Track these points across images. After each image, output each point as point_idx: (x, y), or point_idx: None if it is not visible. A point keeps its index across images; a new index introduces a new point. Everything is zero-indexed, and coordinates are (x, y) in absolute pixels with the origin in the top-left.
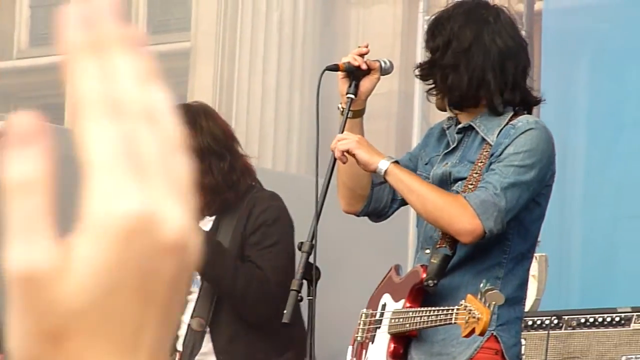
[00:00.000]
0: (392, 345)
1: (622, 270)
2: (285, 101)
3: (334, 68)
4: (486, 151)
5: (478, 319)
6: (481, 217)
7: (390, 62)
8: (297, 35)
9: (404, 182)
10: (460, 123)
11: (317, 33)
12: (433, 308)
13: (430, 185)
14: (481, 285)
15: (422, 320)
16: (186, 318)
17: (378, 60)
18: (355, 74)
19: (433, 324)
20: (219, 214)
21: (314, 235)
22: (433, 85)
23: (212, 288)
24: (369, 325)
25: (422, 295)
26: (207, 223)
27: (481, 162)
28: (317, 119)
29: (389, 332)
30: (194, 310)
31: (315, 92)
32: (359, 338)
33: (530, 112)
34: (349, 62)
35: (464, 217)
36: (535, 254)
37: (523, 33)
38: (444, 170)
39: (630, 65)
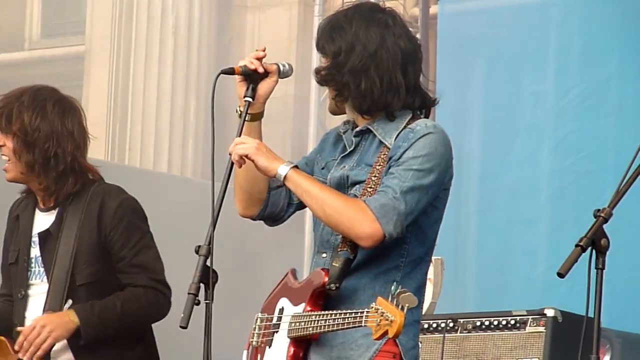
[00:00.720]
0: (292, 349)
1: (517, 274)
2: (181, 105)
3: (230, 71)
4: (384, 154)
5: (391, 321)
6: (381, 220)
7: (290, 65)
8: (192, 39)
9: (303, 187)
10: (357, 127)
11: (213, 37)
12: (339, 311)
13: (330, 189)
14: (393, 287)
15: (328, 323)
16: (30, 314)
17: (276, 63)
18: (252, 77)
19: (340, 327)
20: (62, 205)
21: (211, 239)
22: (338, 91)
23: (64, 282)
24: (264, 329)
25: (323, 298)
26: (50, 216)
27: (379, 165)
28: (213, 123)
29: (288, 336)
30: (45, 303)
31: (211, 95)
32: (254, 342)
33: (427, 115)
34: (245, 66)
35: (364, 221)
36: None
37: (418, 36)
38: (341, 174)
39: (525, 70)
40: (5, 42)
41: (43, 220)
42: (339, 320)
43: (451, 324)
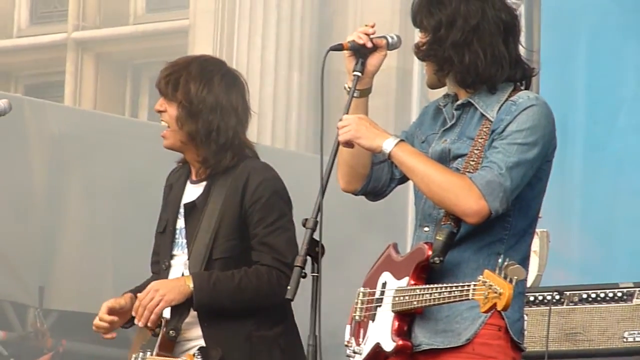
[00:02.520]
0: (396, 323)
1: (623, 245)
2: (284, 78)
3: (338, 47)
4: (486, 127)
5: (500, 294)
6: (487, 197)
7: (398, 36)
8: (295, 12)
9: (408, 164)
10: (457, 100)
11: (316, 10)
12: (444, 285)
13: (435, 164)
14: (500, 260)
15: (433, 297)
16: None
17: (384, 36)
18: (361, 52)
19: (446, 301)
20: (210, 179)
21: (318, 211)
22: (439, 65)
23: (203, 255)
24: (367, 304)
25: (427, 272)
26: (198, 188)
27: (481, 138)
28: (322, 98)
29: (392, 310)
30: (182, 275)
31: (314, 70)
32: (357, 317)
33: (528, 87)
34: (353, 41)
35: (470, 198)
36: (536, 230)
37: (522, 7)
38: (443, 147)
39: (629, 39)
40: (110, 17)
41: (191, 192)
42: (445, 293)
43: (557, 297)
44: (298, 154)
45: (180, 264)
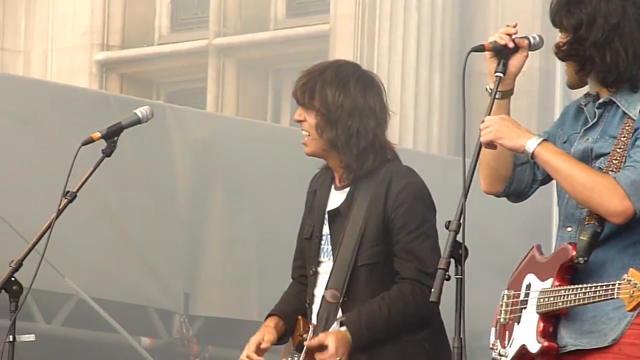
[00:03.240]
0: (542, 325)
1: None
2: (425, 81)
3: (480, 49)
4: (628, 125)
5: None
6: (632, 198)
7: (540, 36)
8: (436, 14)
9: (552, 164)
10: (599, 99)
11: (457, 12)
12: (588, 285)
13: (579, 164)
14: None
15: (578, 297)
16: (319, 291)
17: (526, 37)
18: (502, 53)
19: (591, 300)
20: (354, 184)
21: (461, 214)
22: (580, 65)
23: (348, 262)
24: (512, 306)
25: (571, 273)
26: (342, 194)
27: (624, 136)
28: (463, 100)
29: (537, 312)
30: (328, 282)
31: (455, 71)
32: (502, 320)
33: None
34: (495, 42)
35: (614, 198)
36: None
37: None
38: (585, 147)
39: None
40: (252, 22)
41: (335, 198)
42: (590, 293)
43: None
44: (440, 157)
45: (326, 271)
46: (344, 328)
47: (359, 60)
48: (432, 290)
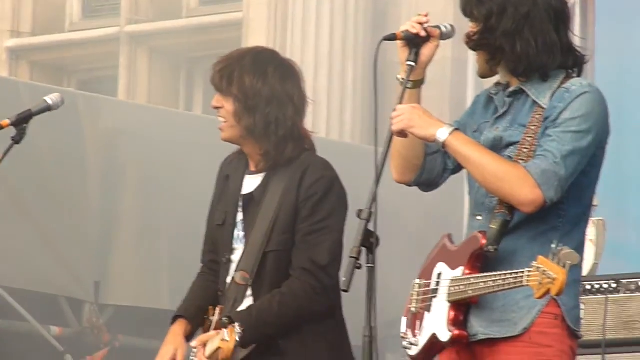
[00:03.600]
0: (452, 313)
1: None
2: (338, 70)
3: (392, 37)
4: (538, 114)
5: (553, 279)
6: (542, 187)
7: (451, 25)
8: (349, 3)
9: (462, 153)
10: (509, 88)
11: (370, 1)
12: (497, 273)
13: (490, 154)
14: (553, 246)
15: (487, 285)
16: (229, 278)
17: (438, 26)
18: (414, 42)
19: (501, 288)
20: (270, 171)
21: (373, 202)
22: (491, 55)
23: (259, 247)
24: (423, 295)
25: (481, 261)
26: (256, 179)
27: (534, 125)
28: (375, 89)
29: (448, 300)
30: (239, 264)
31: (369, 60)
32: (413, 309)
33: (580, 74)
34: (407, 30)
35: (525, 187)
36: (593, 218)
37: None
38: (495, 135)
39: None
40: (164, 9)
41: (250, 183)
42: (499, 281)
43: (614, 285)
44: (353, 146)
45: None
46: (236, 323)
47: (272, 48)
48: (343, 278)
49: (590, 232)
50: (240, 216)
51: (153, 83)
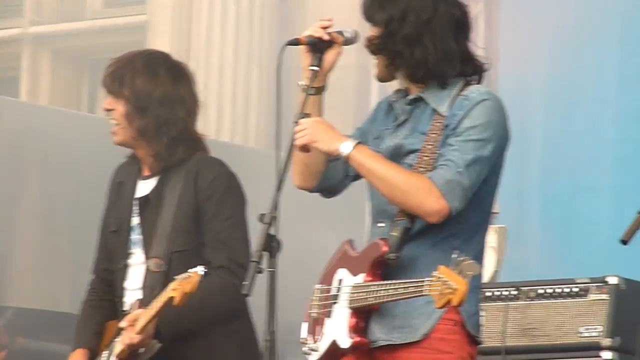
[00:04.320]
0: (353, 320)
1: (579, 241)
2: (243, 74)
3: (295, 42)
4: (438, 122)
5: (454, 289)
6: (447, 197)
7: (355, 31)
8: (254, 8)
9: (366, 166)
10: (408, 95)
11: (275, 6)
12: (400, 281)
13: (394, 167)
14: (454, 255)
15: (389, 293)
16: (130, 284)
17: (341, 31)
18: (318, 47)
19: (401, 297)
20: (163, 173)
21: (275, 207)
22: (390, 60)
23: (165, 249)
24: (323, 300)
25: (382, 268)
26: (150, 183)
27: (434, 133)
28: (279, 94)
29: (349, 307)
30: (150, 251)
31: (273, 66)
32: (313, 314)
33: (480, 82)
34: (310, 35)
35: (430, 198)
36: (494, 226)
37: (482, 4)
38: (396, 143)
39: (588, 38)
40: (67, 11)
41: (143, 187)
42: (401, 289)
43: (514, 292)
44: (257, 150)
45: (139, 262)
46: (198, 267)
47: (176, 52)
48: (244, 282)
49: (492, 239)
50: (135, 220)
51: (56, 85)
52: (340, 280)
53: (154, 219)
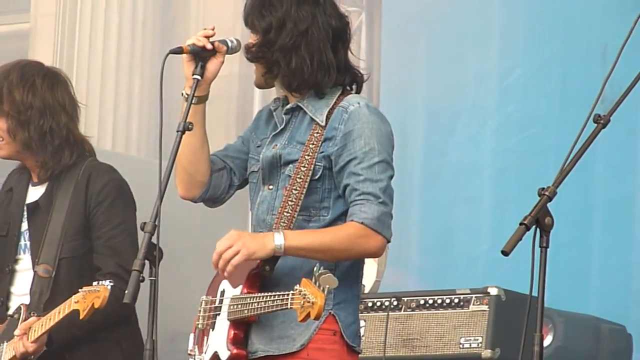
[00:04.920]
0: (233, 332)
1: (460, 252)
2: (125, 82)
3: (178, 51)
4: (317, 132)
5: (312, 303)
6: (382, 232)
7: (237, 40)
8: (137, 16)
9: (306, 249)
10: (287, 103)
11: (158, 15)
12: (270, 293)
13: (325, 232)
14: (315, 268)
15: (260, 305)
16: (16, 289)
17: (224, 41)
18: (200, 56)
19: (271, 309)
20: (52, 179)
21: (157, 216)
22: (267, 68)
23: (54, 255)
24: (208, 312)
25: (260, 280)
26: (40, 189)
27: (312, 143)
28: (161, 102)
29: (228, 319)
30: (39, 257)
31: (155, 74)
32: (199, 325)
33: (359, 91)
34: (193, 44)
35: (370, 242)
36: None
37: (363, 13)
38: (274, 153)
39: (469, 49)
40: None
41: (33, 193)
42: (269, 302)
43: (395, 303)
44: (139, 159)
45: (26, 267)
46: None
47: (59, 59)
48: (126, 291)
49: None
50: (25, 226)
51: None
52: (223, 292)
53: (43, 225)
